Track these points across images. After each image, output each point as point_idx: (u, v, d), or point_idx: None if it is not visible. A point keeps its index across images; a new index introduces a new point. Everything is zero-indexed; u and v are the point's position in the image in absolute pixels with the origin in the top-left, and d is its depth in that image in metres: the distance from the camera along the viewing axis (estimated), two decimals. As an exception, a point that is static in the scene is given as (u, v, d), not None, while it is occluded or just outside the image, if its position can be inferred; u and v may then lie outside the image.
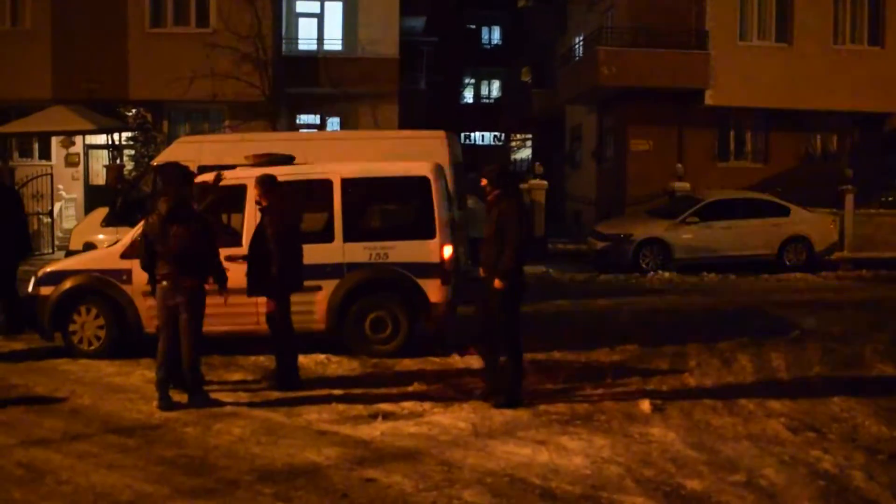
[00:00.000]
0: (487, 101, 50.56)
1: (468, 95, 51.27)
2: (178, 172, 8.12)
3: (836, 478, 6.03)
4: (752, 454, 6.49)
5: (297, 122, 26.29)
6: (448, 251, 9.72)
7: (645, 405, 7.76)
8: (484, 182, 7.98)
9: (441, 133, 12.90)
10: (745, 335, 10.91)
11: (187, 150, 13.29)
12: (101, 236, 13.47)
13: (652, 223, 18.90)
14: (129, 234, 9.79)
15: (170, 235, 7.62)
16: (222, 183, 9.93)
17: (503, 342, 7.88)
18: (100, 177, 23.60)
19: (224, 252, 9.30)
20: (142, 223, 9.63)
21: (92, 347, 9.73)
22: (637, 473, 6.07)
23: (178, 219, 7.68)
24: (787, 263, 18.39)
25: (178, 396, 7.80)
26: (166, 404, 7.66)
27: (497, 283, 7.65)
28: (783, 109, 23.83)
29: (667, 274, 17.51)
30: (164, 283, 7.72)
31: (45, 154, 24.16)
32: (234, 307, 9.38)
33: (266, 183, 8.51)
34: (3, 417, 7.38)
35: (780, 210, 18.84)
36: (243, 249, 9.46)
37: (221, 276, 8.10)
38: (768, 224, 18.59)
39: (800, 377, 8.91)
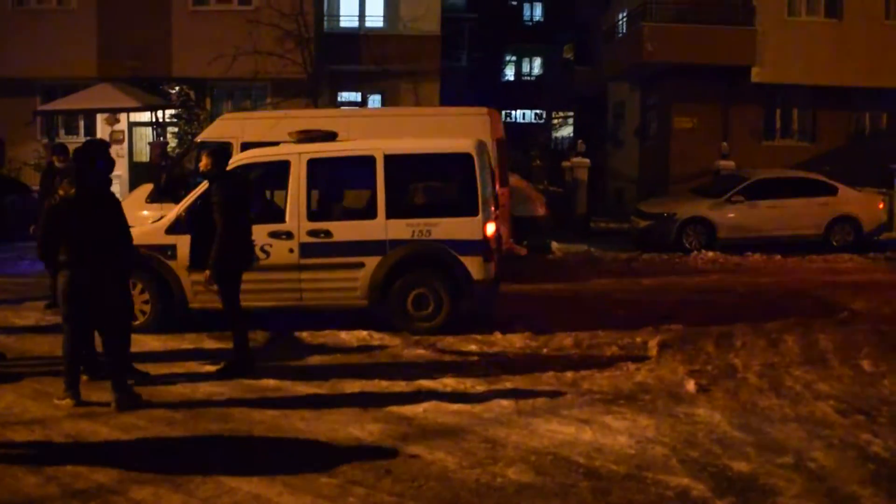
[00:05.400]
0: (529, 78, 50.20)
1: (509, 73, 50.97)
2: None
3: (887, 461, 5.92)
4: (799, 436, 6.39)
5: (339, 99, 26.30)
6: (491, 228, 9.67)
7: (690, 385, 7.68)
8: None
9: (484, 110, 12.83)
10: (792, 316, 10.75)
11: (230, 127, 13.38)
12: (145, 212, 13.59)
13: (696, 202, 18.64)
14: (174, 211, 9.87)
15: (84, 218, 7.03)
16: (264, 160, 10.05)
17: None
18: (144, 154, 23.84)
19: (268, 228, 9.42)
20: (185, 200, 9.75)
21: (137, 322, 9.78)
22: (682, 454, 6.00)
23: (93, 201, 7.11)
24: (835, 244, 18.02)
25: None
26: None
27: None
28: (831, 87, 23.32)
29: (710, 253, 17.27)
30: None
31: (91, 131, 24.43)
32: (276, 283, 9.51)
33: (216, 153, 8.26)
34: (50, 390, 7.48)
35: (828, 189, 18.46)
36: (287, 226, 9.55)
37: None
38: (815, 203, 18.21)
39: (849, 359, 8.74)
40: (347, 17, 26.17)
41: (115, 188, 22.67)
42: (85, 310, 7.15)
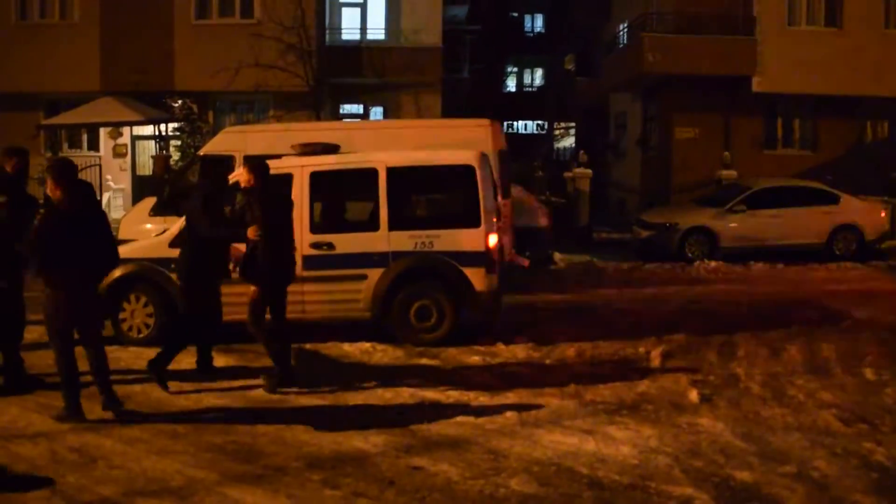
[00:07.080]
0: (530, 89, 50.39)
1: (511, 84, 51.13)
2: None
3: (890, 470, 5.93)
4: (802, 446, 6.40)
5: (341, 111, 26.39)
6: (493, 240, 9.69)
7: (693, 395, 7.69)
8: None
9: (485, 121, 12.85)
10: (795, 325, 10.76)
11: (233, 141, 13.41)
12: (148, 226, 13.64)
13: (698, 211, 18.67)
14: (178, 224, 9.89)
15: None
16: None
17: None
18: (147, 167, 23.93)
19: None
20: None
21: (141, 335, 9.85)
22: (685, 464, 6.01)
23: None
24: (837, 252, 18.03)
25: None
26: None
27: None
28: (832, 96, 23.38)
29: (713, 263, 17.29)
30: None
31: (94, 145, 24.57)
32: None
33: (257, 167, 8.24)
34: (55, 403, 7.50)
35: (830, 198, 18.48)
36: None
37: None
38: (817, 212, 18.24)
39: (851, 368, 8.75)
40: (349, 29, 26.30)
41: (119, 201, 22.94)
42: (73, 326, 7.11)
